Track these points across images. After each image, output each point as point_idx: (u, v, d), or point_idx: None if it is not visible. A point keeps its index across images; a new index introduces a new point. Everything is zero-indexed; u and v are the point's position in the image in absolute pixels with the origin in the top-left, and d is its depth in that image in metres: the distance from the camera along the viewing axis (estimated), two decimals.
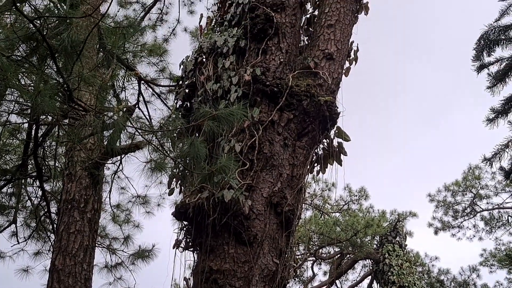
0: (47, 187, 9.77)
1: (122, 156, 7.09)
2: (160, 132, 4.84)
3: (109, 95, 7.80)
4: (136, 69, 9.07)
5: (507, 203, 22.96)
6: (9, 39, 3.73)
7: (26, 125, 8.03)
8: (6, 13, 4.59)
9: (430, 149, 38.02)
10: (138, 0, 14.89)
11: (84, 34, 4.05)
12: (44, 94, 3.39)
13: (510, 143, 13.07)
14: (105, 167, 8.08)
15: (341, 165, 6.13)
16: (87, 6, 4.49)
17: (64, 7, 4.50)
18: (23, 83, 4.34)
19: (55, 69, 4.02)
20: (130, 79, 8.72)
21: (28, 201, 10.55)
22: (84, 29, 4.26)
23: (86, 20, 4.22)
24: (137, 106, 8.07)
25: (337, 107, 5.94)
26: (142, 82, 9.11)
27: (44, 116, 6.16)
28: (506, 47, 12.96)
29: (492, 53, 12.92)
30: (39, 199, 9.92)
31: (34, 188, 10.08)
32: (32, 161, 8.21)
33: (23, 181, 9.59)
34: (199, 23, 7.28)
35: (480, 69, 13.09)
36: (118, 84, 8.84)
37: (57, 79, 4.06)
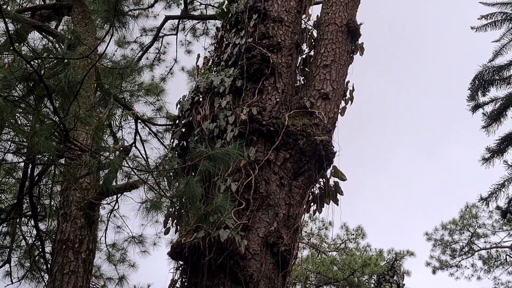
0: (42, 226, 9.70)
1: (118, 195, 7.07)
2: (156, 172, 4.83)
3: (106, 135, 7.81)
4: (133, 108, 9.12)
5: (505, 242, 22.88)
6: (7, 79, 3.76)
7: (22, 164, 8.02)
8: (4, 53, 4.64)
9: (428, 185, 37.91)
10: (136, 40, 15.04)
11: (81, 74, 4.08)
12: (40, 134, 3.40)
13: (506, 183, 13.09)
14: (101, 206, 8.03)
15: (337, 205, 6.11)
16: (84, 46, 4.53)
17: (62, 46, 4.53)
18: (19, 122, 4.35)
19: (51, 109, 4.04)
20: (127, 118, 8.75)
21: (23, 240, 10.46)
22: (81, 69, 4.29)
23: (83, 60, 4.26)
24: (133, 145, 8.08)
25: (333, 147, 5.95)
26: (139, 121, 9.16)
27: (40, 155, 6.16)
28: (500, 87, 13.12)
29: (486, 93, 13.07)
30: (33, 239, 9.84)
31: (29, 227, 10.01)
32: (27, 200, 8.17)
33: (18, 220, 9.52)
34: (196, 63, 7.35)
35: (475, 108, 13.21)
36: (115, 123, 8.86)
37: (54, 119, 4.08)
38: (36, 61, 4.28)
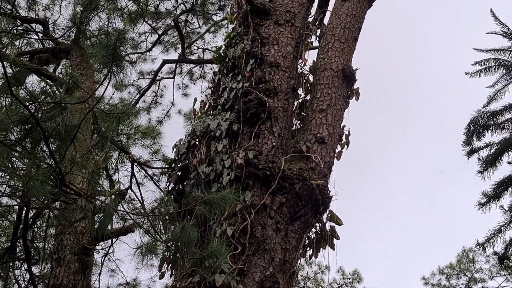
0: (35, 270, 9.58)
1: (114, 241, 7.02)
2: (151, 216, 4.81)
3: (102, 178, 7.80)
4: (129, 151, 9.13)
5: (502, 287, 22.64)
6: (4, 123, 3.77)
7: (16, 206, 7.96)
8: (2, 96, 4.66)
9: (425, 228, 37.77)
10: (134, 83, 15.16)
11: (78, 118, 4.09)
12: (36, 179, 3.39)
13: (502, 228, 13.06)
14: (95, 251, 7.95)
15: (333, 249, 6.07)
16: (82, 91, 4.56)
17: (61, 90, 4.56)
18: (15, 166, 4.34)
19: (47, 153, 4.04)
20: (123, 161, 8.76)
21: (15, 284, 10.31)
22: (79, 112, 4.31)
23: (81, 104, 4.28)
24: (129, 188, 8.06)
25: (329, 191, 5.95)
26: (135, 164, 9.16)
27: (35, 199, 6.13)
28: (495, 132, 13.20)
29: (481, 137, 13.16)
30: (26, 283, 9.70)
31: (22, 271, 9.87)
32: (21, 243, 8.08)
33: (11, 264, 9.41)
34: (193, 107, 7.38)
35: (470, 153, 13.27)
36: (111, 166, 8.87)
37: (50, 162, 4.08)
38: (34, 105, 4.31)
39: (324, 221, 6.06)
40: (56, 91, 7.89)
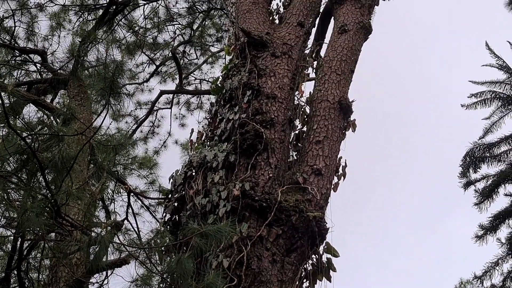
0: None
1: (109, 274, 6.96)
2: (147, 248, 4.79)
3: (98, 208, 7.76)
4: (126, 182, 9.10)
5: None
6: (0, 155, 3.77)
7: (11, 237, 7.91)
8: None
9: (423, 259, 37.57)
10: (131, 113, 15.20)
11: (75, 149, 4.10)
12: (32, 211, 3.39)
13: (500, 261, 13.01)
14: (89, 284, 7.87)
15: (330, 281, 6.03)
16: (79, 122, 4.58)
17: (58, 120, 4.57)
18: (11, 197, 4.33)
19: (43, 184, 4.04)
20: (119, 191, 8.73)
21: None
22: (75, 143, 4.31)
23: (78, 135, 4.29)
24: (126, 219, 8.03)
25: (326, 223, 5.94)
26: (132, 194, 9.12)
27: (30, 230, 6.10)
28: (491, 164, 13.24)
29: (478, 169, 13.18)
30: None
31: None
32: (15, 274, 8.02)
33: None
34: (190, 138, 7.40)
35: (467, 185, 13.29)
36: (107, 196, 8.83)
37: (45, 194, 4.07)
38: (31, 135, 4.31)
39: (321, 253, 6.03)
40: (54, 122, 7.90)
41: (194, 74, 15.61)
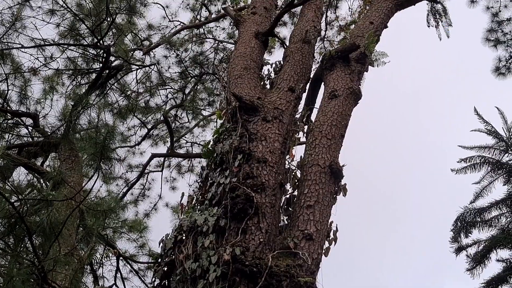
0: None
1: None
2: None
3: (86, 273, 7.65)
4: (115, 246, 9.01)
5: None
6: None
7: None
8: None
9: None
10: (122, 176, 15.20)
11: (64, 213, 4.06)
12: (18, 279, 3.32)
13: None
14: None
15: None
16: (69, 186, 4.56)
17: (48, 183, 4.54)
18: None
19: (30, 249, 3.98)
20: (108, 255, 8.63)
21: None
22: (65, 207, 4.28)
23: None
24: (114, 284, 7.90)
25: None
26: (121, 258, 9.01)
27: None
28: (482, 229, 13.20)
29: (469, 234, 13.14)
30: None
31: None
32: None
33: None
34: (181, 201, 7.35)
35: (458, 251, 13.22)
36: (96, 261, 8.73)
37: (32, 260, 4.01)
38: (19, 199, 4.28)
39: None
40: (44, 184, 7.87)
41: (185, 137, 15.74)
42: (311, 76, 8.75)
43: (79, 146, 8.36)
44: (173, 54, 14.98)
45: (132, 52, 13.79)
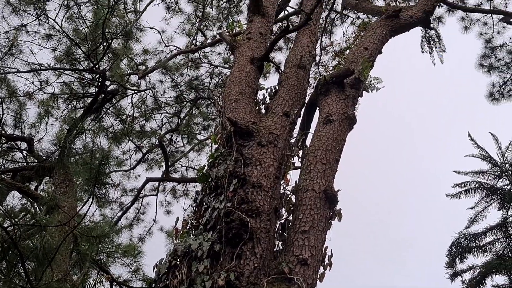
0: None
1: None
2: None
3: None
4: (109, 271, 8.95)
5: None
6: None
7: None
8: None
9: None
10: (117, 200, 15.15)
11: (58, 238, 4.04)
12: None
13: None
14: None
15: None
16: (63, 212, 4.54)
17: (42, 208, 4.52)
18: None
19: (23, 275, 3.95)
20: (102, 281, 8.56)
21: None
22: (58, 232, 4.25)
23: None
24: None
25: None
26: (114, 284, 8.94)
27: None
28: (477, 255, 13.17)
29: (464, 260, 13.10)
30: None
31: None
32: None
33: None
34: (175, 226, 7.32)
35: (453, 276, 13.17)
36: (89, 286, 8.65)
37: (25, 286, 3.98)
38: (12, 224, 4.25)
39: None
40: (37, 209, 7.83)
41: (180, 161, 15.74)
42: (306, 101, 8.79)
43: (73, 170, 8.36)
44: (168, 78, 15.06)
45: (127, 77, 13.84)
